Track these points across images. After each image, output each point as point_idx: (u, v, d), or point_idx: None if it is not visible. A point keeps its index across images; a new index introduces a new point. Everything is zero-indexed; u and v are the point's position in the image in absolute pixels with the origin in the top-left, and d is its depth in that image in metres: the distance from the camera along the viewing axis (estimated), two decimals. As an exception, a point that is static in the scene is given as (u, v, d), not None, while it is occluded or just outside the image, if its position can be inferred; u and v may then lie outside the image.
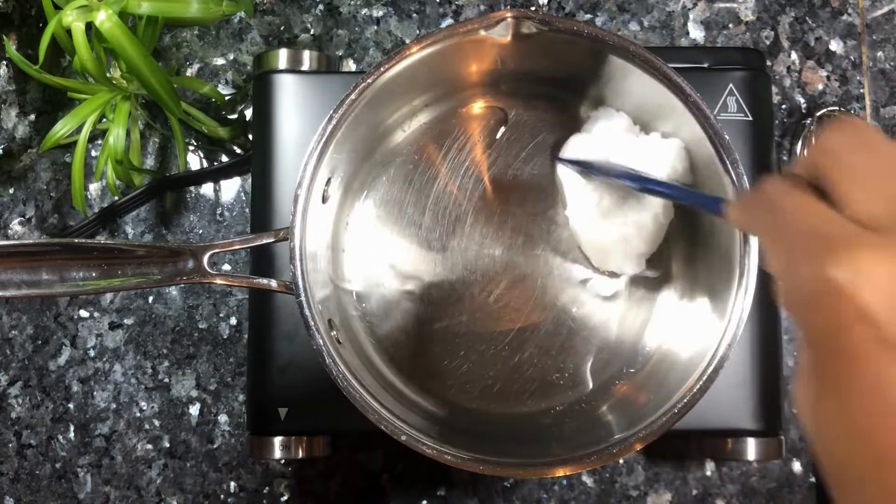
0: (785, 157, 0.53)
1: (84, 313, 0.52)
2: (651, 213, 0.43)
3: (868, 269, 0.19)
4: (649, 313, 0.46)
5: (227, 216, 0.53)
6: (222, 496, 0.51)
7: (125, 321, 0.52)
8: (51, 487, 0.51)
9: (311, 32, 0.54)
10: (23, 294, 0.38)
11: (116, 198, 0.51)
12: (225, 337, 0.52)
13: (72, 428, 0.51)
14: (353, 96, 0.39)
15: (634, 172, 0.41)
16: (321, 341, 0.37)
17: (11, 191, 0.53)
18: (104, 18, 0.41)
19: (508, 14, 0.38)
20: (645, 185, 0.41)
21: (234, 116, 0.53)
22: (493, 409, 0.45)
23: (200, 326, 0.52)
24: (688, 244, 0.45)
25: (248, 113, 0.53)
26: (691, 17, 0.54)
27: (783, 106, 0.53)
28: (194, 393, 0.51)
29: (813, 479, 0.50)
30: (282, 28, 0.54)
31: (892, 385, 0.18)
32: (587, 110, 0.46)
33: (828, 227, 0.21)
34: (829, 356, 0.20)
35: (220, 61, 0.54)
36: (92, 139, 0.52)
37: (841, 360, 0.19)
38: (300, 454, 0.45)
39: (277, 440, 0.45)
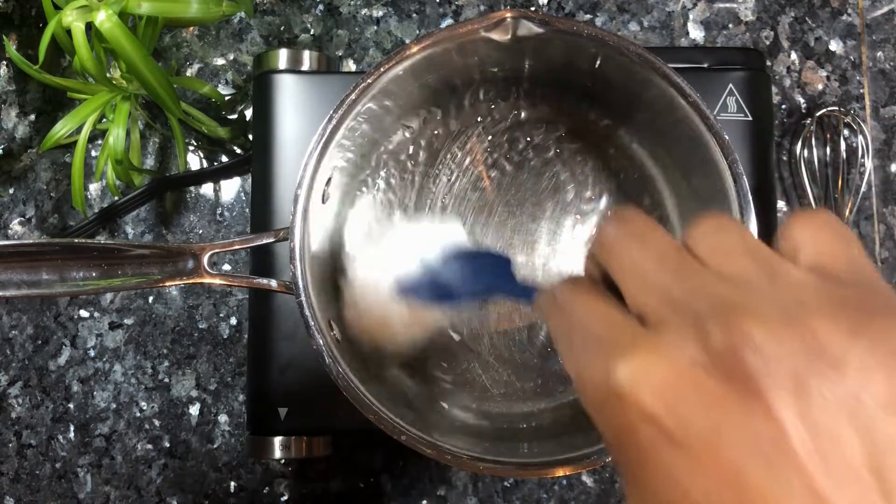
0: (785, 157, 0.53)
1: (84, 313, 0.52)
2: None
3: (644, 372, 0.19)
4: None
5: (227, 216, 0.53)
6: (222, 496, 0.51)
7: (125, 321, 0.52)
8: (51, 487, 0.51)
9: (311, 32, 0.54)
10: (23, 294, 0.38)
11: (116, 198, 0.51)
12: (225, 337, 0.52)
13: (72, 428, 0.51)
14: (353, 96, 0.39)
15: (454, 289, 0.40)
16: (321, 341, 0.37)
17: (11, 191, 0.53)
18: (104, 18, 0.41)
19: (508, 14, 0.38)
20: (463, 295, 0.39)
21: (234, 116, 0.53)
22: (494, 409, 0.45)
23: (200, 326, 0.52)
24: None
25: (248, 113, 0.53)
26: (691, 17, 0.54)
27: (783, 106, 0.53)
28: (194, 393, 0.51)
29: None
30: (282, 28, 0.54)
31: (682, 474, 0.19)
32: (586, 111, 0.46)
33: (611, 330, 0.21)
34: (623, 455, 0.20)
35: (220, 61, 0.54)
36: (92, 139, 0.52)
37: (635, 460, 0.20)
38: (300, 454, 0.45)
39: (277, 440, 0.45)
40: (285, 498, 0.51)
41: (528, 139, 0.47)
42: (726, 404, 0.18)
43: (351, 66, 0.53)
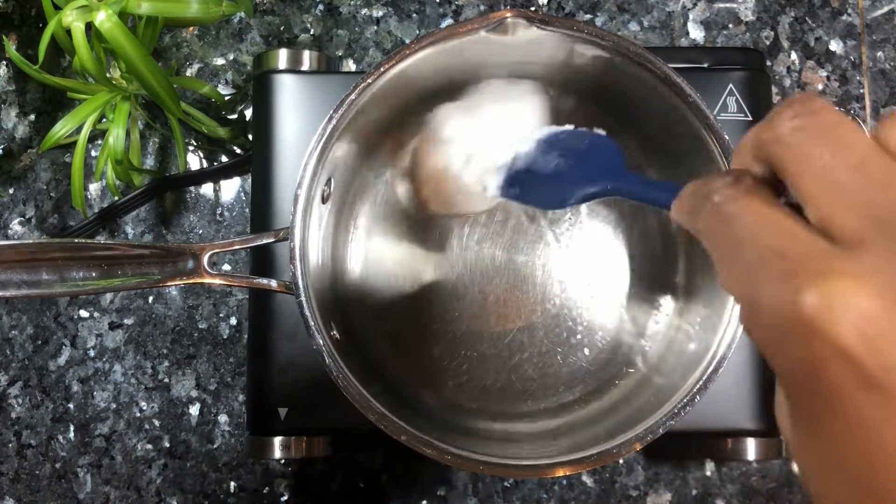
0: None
1: (84, 313, 0.52)
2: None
3: (843, 300, 0.17)
4: (649, 313, 0.46)
5: (227, 216, 0.53)
6: (222, 496, 0.51)
7: (125, 321, 0.52)
8: (51, 487, 0.51)
9: (311, 32, 0.54)
10: (23, 294, 0.38)
11: (116, 198, 0.51)
12: (225, 337, 0.52)
13: (72, 428, 0.51)
14: (353, 96, 0.39)
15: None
16: (321, 341, 0.37)
17: (11, 191, 0.53)
18: (104, 18, 0.41)
19: (508, 14, 0.38)
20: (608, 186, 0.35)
21: (234, 116, 0.53)
22: (493, 409, 0.45)
23: (200, 326, 0.52)
24: (688, 245, 0.45)
25: (248, 113, 0.53)
26: (691, 17, 0.54)
27: (783, 106, 0.53)
28: (194, 393, 0.51)
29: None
30: (282, 28, 0.54)
31: (878, 421, 0.16)
32: (586, 111, 0.46)
33: (794, 247, 0.18)
34: (805, 397, 0.18)
35: (220, 61, 0.54)
36: (92, 139, 0.52)
37: (819, 402, 0.17)
38: (300, 454, 0.45)
39: (277, 440, 0.45)
40: (285, 498, 0.51)
41: (528, 139, 0.47)
42: None
43: (351, 66, 0.53)
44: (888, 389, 0.16)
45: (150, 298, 0.52)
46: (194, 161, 0.53)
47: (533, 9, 0.54)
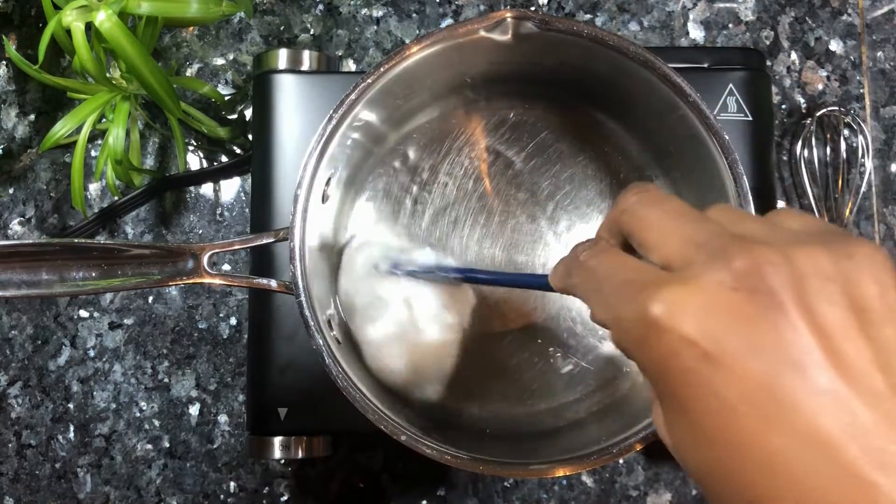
0: (785, 157, 0.53)
1: (84, 313, 0.52)
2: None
3: (679, 301, 0.22)
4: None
5: (227, 216, 0.53)
6: (222, 496, 0.51)
7: (125, 321, 0.52)
8: (51, 487, 0.51)
9: (311, 32, 0.54)
10: (23, 294, 0.38)
11: (116, 198, 0.51)
12: (225, 337, 0.52)
13: (72, 428, 0.51)
14: (353, 96, 0.39)
15: (459, 267, 0.44)
16: (321, 341, 0.37)
17: (11, 191, 0.53)
18: (104, 18, 0.41)
19: (508, 14, 0.38)
20: (471, 275, 0.43)
21: (234, 116, 0.53)
22: (493, 409, 0.45)
23: (200, 326, 0.52)
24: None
25: (248, 113, 0.53)
26: (691, 17, 0.54)
27: (783, 106, 0.53)
28: (194, 393, 0.51)
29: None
30: (282, 28, 0.54)
31: (721, 387, 0.21)
32: (585, 111, 0.46)
33: (638, 274, 0.24)
34: (667, 383, 0.23)
35: (219, 61, 0.54)
36: (92, 139, 0.52)
37: (677, 382, 0.22)
38: (300, 454, 0.45)
39: (277, 440, 0.45)
40: (285, 498, 0.51)
41: (528, 139, 0.47)
42: (754, 319, 0.21)
43: (351, 66, 0.53)
44: (722, 358, 0.21)
45: (150, 298, 0.52)
46: (194, 161, 0.53)
47: (533, 9, 0.54)
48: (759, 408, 0.21)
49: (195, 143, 0.53)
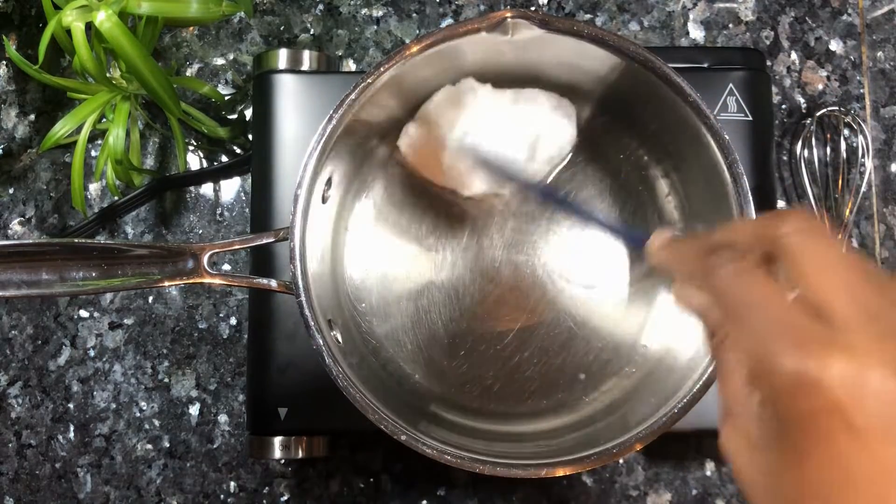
0: (785, 157, 0.53)
1: (84, 313, 0.52)
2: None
3: (841, 369, 0.22)
4: (649, 313, 0.46)
5: (227, 216, 0.53)
6: (222, 496, 0.51)
7: (125, 321, 0.52)
8: (51, 487, 0.51)
9: (311, 32, 0.54)
10: (23, 294, 0.38)
11: (116, 198, 0.51)
12: (225, 337, 0.52)
13: (72, 428, 0.51)
14: (353, 96, 0.39)
15: (571, 203, 0.44)
16: (321, 341, 0.37)
17: (11, 191, 0.53)
18: (104, 18, 0.41)
19: (508, 14, 0.38)
20: (553, 196, 0.44)
21: (234, 116, 0.53)
22: (493, 409, 0.45)
23: (200, 326, 0.52)
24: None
25: (248, 113, 0.53)
26: (691, 17, 0.54)
27: (783, 106, 0.53)
28: (194, 393, 0.51)
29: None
30: (282, 28, 0.54)
31: (854, 461, 0.22)
32: (585, 111, 0.46)
33: (799, 321, 0.24)
34: (796, 433, 0.23)
35: (220, 61, 0.54)
36: (92, 139, 0.52)
37: (809, 438, 0.23)
38: (300, 454, 0.45)
39: (277, 440, 0.45)
40: (285, 498, 0.51)
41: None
42: None
43: (351, 65, 0.53)
44: (864, 435, 0.22)
45: (150, 298, 0.52)
46: (194, 161, 0.53)
47: (533, 9, 0.54)
48: (878, 490, 0.21)
49: (195, 143, 0.53)
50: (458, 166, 0.43)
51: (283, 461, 0.50)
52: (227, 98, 0.53)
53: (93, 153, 0.53)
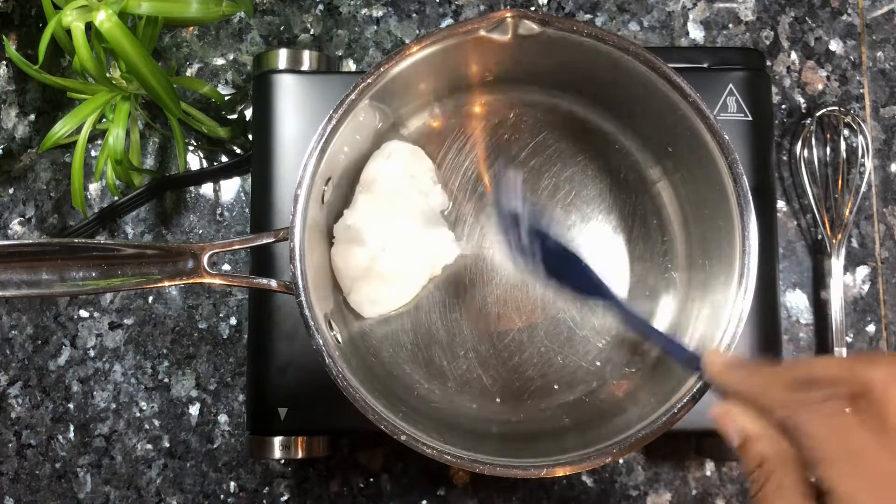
0: (785, 157, 0.53)
1: (84, 313, 0.52)
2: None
3: None
4: (649, 314, 0.46)
5: (227, 216, 0.53)
6: (222, 496, 0.51)
7: (125, 321, 0.52)
8: (51, 487, 0.51)
9: (311, 32, 0.54)
10: (23, 294, 0.38)
11: (116, 198, 0.51)
12: (225, 337, 0.52)
13: (72, 428, 0.51)
14: (353, 96, 0.39)
15: (629, 310, 0.40)
16: (321, 341, 0.37)
17: (11, 191, 0.53)
18: (104, 18, 0.41)
19: (508, 14, 0.38)
20: (633, 323, 0.40)
21: (234, 116, 0.53)
22: (494, 409, 0.45)
23: (200, 326, 0.52)
24: (688, 246, 0.45)
25: (248, 113, 0.53)
26: (691, 17, 0.54)
27: (783, 106, 0.53)
28: (194, 393, 0.51)
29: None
30: (282, 28, 0.54)
31: None
32: (585, 111, 0.46)
33: None
34: None
35: (220, 61, 0.54)
36: (92, 139, 0.52)
37: None
38: (300, 454, 0.45)
39: (277, 440, 0.45)
40: (285, 498, 0.51)
41: (528, 139, 0.47)
42: None
43: (351, 66, 0.53)
44: None
45: (150, 298, 0.52)
46: (194, 161, 0.53)
47: (533, 9, 0.54)
48: None
49: (195, 143, 0.53)
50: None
51: (283, 461, 0.50)
52: (227, 98, 0.53)
53: (93, 153, 0.53)
